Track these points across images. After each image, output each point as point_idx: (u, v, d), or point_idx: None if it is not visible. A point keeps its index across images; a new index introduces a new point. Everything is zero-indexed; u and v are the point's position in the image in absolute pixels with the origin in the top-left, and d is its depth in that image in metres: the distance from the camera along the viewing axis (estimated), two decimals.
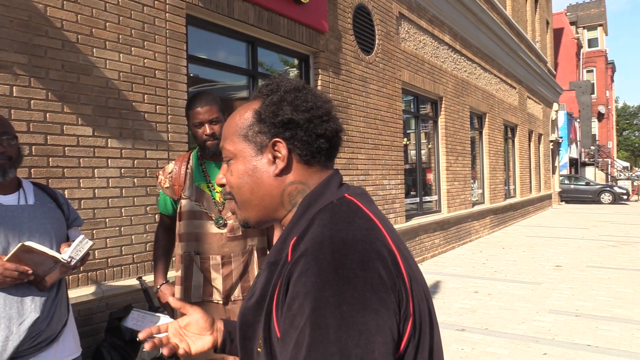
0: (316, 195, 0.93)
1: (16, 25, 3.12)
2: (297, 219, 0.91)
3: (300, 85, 0.98)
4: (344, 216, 0.85)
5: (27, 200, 1.96)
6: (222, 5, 4.65)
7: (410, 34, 8.49)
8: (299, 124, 0.92)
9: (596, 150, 33.12)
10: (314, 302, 0.73)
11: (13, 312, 1.79)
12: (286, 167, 0.94)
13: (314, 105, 0.95)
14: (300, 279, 0.76)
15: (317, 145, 0.94)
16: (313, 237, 0.81)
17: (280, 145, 0.93)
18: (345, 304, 0.72)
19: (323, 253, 0.77)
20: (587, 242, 10.39)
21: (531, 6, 18.41)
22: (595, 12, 42.02)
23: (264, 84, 1.00)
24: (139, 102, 3.84)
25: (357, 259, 0.76)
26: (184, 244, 2.32)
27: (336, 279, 0.74)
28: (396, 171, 7.79)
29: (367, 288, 0.74)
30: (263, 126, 0.94)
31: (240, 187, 0.97)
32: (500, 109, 13.40)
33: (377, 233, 0.83)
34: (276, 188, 0.95)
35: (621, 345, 4.29)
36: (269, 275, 0.89)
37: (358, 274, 0.75)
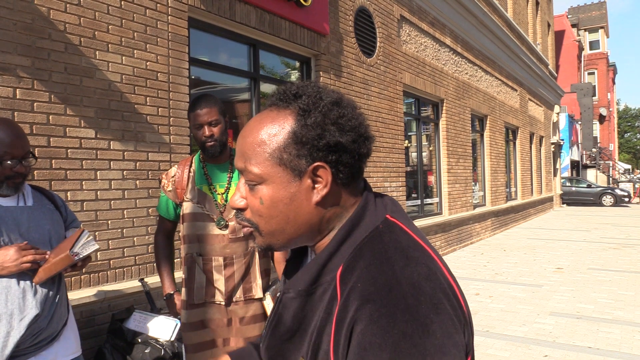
0: (358, 219, 0.84)
1: (19, 28, 3.14)
2: (337, 246, 0.82)
3: (339, 98, 0.86)
4: (398, 249, 0.78)
5: (25, 202, 2.00)
6: (224, 8, 4.68)
7: (412, 37, 8.51)
8: (345, 146, 0.81)
9: (597, 152, 33.10)
10: (394, 355, 0.67)
11: (14, 308, 1.82)
12: (328, 194, 0.83)
13: (358, 122, 0.84)
14: (371, 329, 0.70)
15: (359, 166, 0.85)
16: (374, 278, 0.74)
17: (323, 170, 0.81)
18: (429, 356, 0.68)
19: (393, 299, 0.71)
20: (589, 245, 10.39)
21: (532, 8, 18.43)
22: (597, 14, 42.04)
23: (292, 92, 0.85)
24: (141, 104, 3.86)
25: (429, 303, 0.71)
26: (187, 246, 2.34)
27: (413, 327, 0.69)
28: (397, 173, 7.80)
29: (444, 334, 0.70)
30: (303, 149, 0.81)
31: (274, 217, 0.84)
32: (501, 112, 13.41)
33: (436, 267, 0.78)
34: (316, 216, 0.84)
35: (622, 347, 4.30)
36: (302, 305, 0.83)
37: (433, 319, 0.70)
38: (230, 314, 2.30)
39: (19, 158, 1.89)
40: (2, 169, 1.87)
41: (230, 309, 2.30)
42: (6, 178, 1.88)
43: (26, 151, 1.93)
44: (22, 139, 1.92)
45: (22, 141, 1.91)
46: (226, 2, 4.70)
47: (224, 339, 2.29)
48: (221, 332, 2.30)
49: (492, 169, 12.53)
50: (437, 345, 0.68)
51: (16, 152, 1.88)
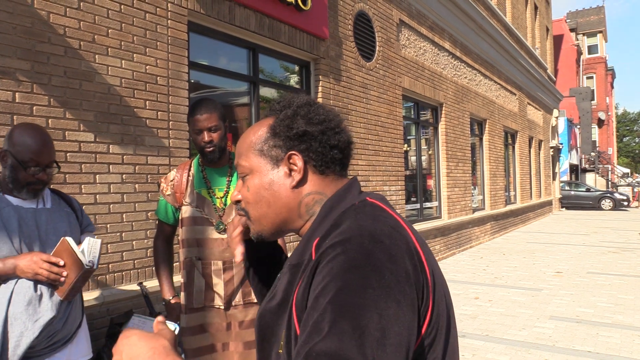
0: (338, 199, 0.95)
1: (19, 31, 3.15)
2: (319, 222, 0.93)
3: (311, 100, 1.01)
4: (368, 214, 0.87)
5: (44, 204, 2.04)
6: (224, 12, 4.68)
7: (411, 41, 8.53)
8: (313, 135, 0.95)
9: (596, 156, 33.13)
10: (340, 283, 0.74)
11: (30, 309, 1.85)
12: (302, 179, 0.96)
13: (326, 117, 0.98)
14: (327, 266, 0.77)
15: (331, 155, 0.97)
16: (340, 232, 0.82)
17: (295, 157, 0.95)
18: (370, 288, 0.73)
19: (352, 244, 0.78)
20: (588, 249, 10.39)
21: (531, 13, 18.48)
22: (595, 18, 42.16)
23: (276, 102, 1.03)
24: (141, 108, 3.86)
25: (386, 252, 0.77)
26: (186, 250, 2.34)
27: (364, 264, 0.75)
28: (397, 177, 7.80)
29: (393, 279, 0.75)
30: (278, 140, 0.97)
31: (258, 202, 0.98)
32: (500, 116, 13.43)
33: (402, 230, 0.85)
34: (293, 200, 0.97)
35: (622, 351, 4.29)
36: (291, 278, 0.90)
37: (386, 264, 0.76)
38: (229, 318, 2.29)
39: (43, 166, 1.92)
40: (25, 175, 1.90)
41: (230, 313, 2.29)
42: (27, 184, 1.92)
43: (51, 160, 1.97)
44: (48, 147, 1.95)
45: (48, 150, 1.95)
46: (226, 6, 4.70)
47: (224, 343, 2.29)
48: (220, 337, 2.29)
49: (491, 173, 12.53)
50: (382, 284, 0.74)
51: (41, 160, 1.91)
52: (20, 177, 1.90)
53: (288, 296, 0.89)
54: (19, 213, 1.91)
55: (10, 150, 1.89)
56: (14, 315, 1.83)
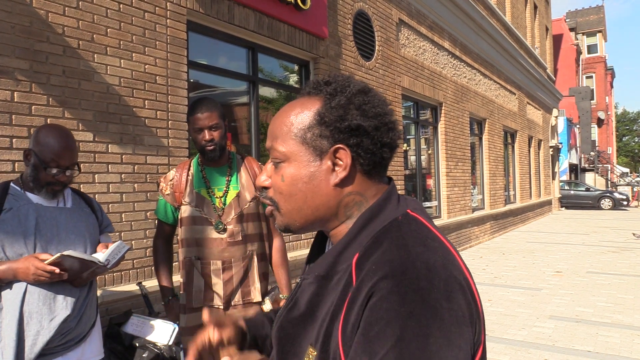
0: (377, 210, 0.86)
1: (18, 31, 3.14)
2: (355, 234, 0.84)
3: (366, 87, 0.90)
4: (417, 238, 0.79)
5: (65, 203, 2.07)
6: (223, 12, 4.68)
7: (410, 40, 8.52)
8: (366, 131, 0.85)
9: (596, 156, 33.14)
10: (399, 332, 0.68)
11: (45, 308, 1.87)
12: (347, 177, 0.86)
13: (382, 111, 0.88)
14: (381, 304, 0.71)
15: (381, 154, 0.87)
16: (391, 260, 0.75)
17: (343, 152, 0.85)
18: (433, 337, 0.68)
19: (407, 279, 0.71)
20: (587, 248, 10.39)
21: (530, 12, 18.48)
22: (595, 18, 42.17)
23: (324, 81, 0.91)
24: (140, 107, 3.85)
25: (442, 289, 0.72)
26: (185, 250, 2.33)
27: (423, 309, 0.69)
28: (396, 177, 7.79)
29: (453, 321, 0.70)
30: (326, 130, 0.85)
31: (293, 195, 0.88)
32: (500, 115, 13.43)
33: (453, 259, 0.78)
34: (333, 198, 0.87)
35: (622, 351, 4.29)
36: (318, 290, 0.84)
37: (444, 305, 0.70)
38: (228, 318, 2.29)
39: (63, 167, 1.95)
40: (45, 175, 1.93)
41: (229, 313, 2.29)
42: (47, 184, 1.95)
43: (72, 162, 2.00)
44: (71, 149, 1.98)
45: (70, 152, 1.98)
46: (225, 6, 4.70)
47: None
48: None
49: (490, 173, 12.53)
50: (444, 330, 0.69)
51: (62, 162, 1.95)
52: (40, 177, 1.94)
53: (314, 309, 0.83)
54: (38, 211, 1.94)
55: (34, 149, 1.94)
56: (30, 314, 1.85)
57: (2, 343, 1.81)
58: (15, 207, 1.91)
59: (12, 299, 1.85)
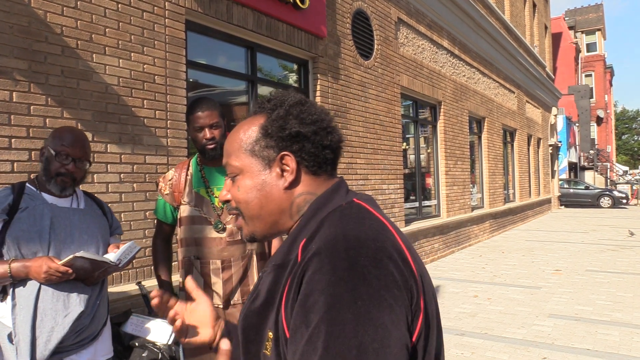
0: (325, 200, 0.94)
1: (16, 31, 3.14)
2: (305, 222, 0.92)
3: (302, 99, 0.99)
4: (353, 217, 0.86)
5: (79, 204, 2.13)
6: (221, 11, 4.67)
7: (409, 39, 8.52)
8: (306, 136, 0.94)
9: (595, 154, 33.16)
10: (330, 299, 0.74)
11: (59, 305, 1.90)
12: (295, 180, 0.95)
13: (319, 117, 0.97)
14: (314, 277, 0.77)
15: (324, 156, 0.96)
16: (325, 236, 0.82)
17: (288, 158, 0.94)
18: (360, 300, 0.73)
19: (336, 251, 0.78)
20: (587, 246, 10.40)
21: (529, 11, 18.48)
22: (594, 16, 42.16)
23: (266, 99, 1.01)
24: (139, 107, 3.85)
25: (371, 257, 0.77)
26: (184, 249, 2.33)
27: (351, 275, 0.75)
28: (395, 176, 7.80)
29: (381, 285, 0.75)
30: (270, 140, 0.95)
31: (249, 202, 0.97)
32: (499, 114, 13.43)
33: (388, 233, 0.84)
34: (286, 201, 0.96)
35: (621, 349, 4.29)
36: (276, 278, 0.90)
37: (371, 271, 0.75)
38: (228, 317, 2.29)
39: (74, 158, 2.01)
40: (56, 165, 1.99)
41: (228, 312, 2.29)
42: (57, 174, 2.00)
43: (83, 155, 2.06)
44: (82, 142, 2.06)
45: (81, 144, 2.05)
46: (223, 5, 4.69)
47: None
48: None
49: (490, 171, 12.54)
50: (372, 293, 0.74)
51: (72, 152, 2.01)
52: (51, 168, 1.99)
53: (273, 296, 0.88)
54: (53, 211, 1.97)
55: (49, 144, 2.02)
56: (44, 311, 1.87)
57: (16, 339, 1.84)
58: (31, 206, 1.95)
59: (27, 295, 1.87)
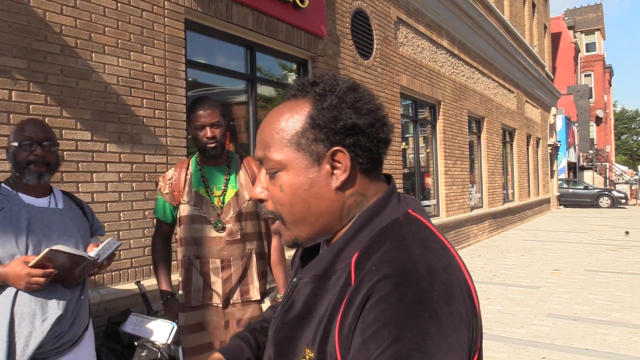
0: (378, 209, 0.84)
1: (15, 30, 3.13)
2: (354, 233, 0.82)
3: (355, 84, 0.88)
4: (418, 239, 0.77)
5: (57, 204, 2.05)
6: (221, 10, 4.67)
7: (409, 39, 8.52)
8: (362, 129, 0.82)
9: (594, 154, 33.18)
10: (397, 332, 0.66)
11: (37, 308, 1.84)
12: (348, 179, 0.83)
13: (374, 106, 0.85)
14: (379, 305, 0.69)
15: (378, 150, 0.85)
16: (392, 261, 0.73)
17: (341, 154, 0.82)
18: (430, 339, 0.66)
19: (407, 280, 0.70)
20: (586, 246, 10.40)
21: (529, 11, 18.48)
22: (593, 16, 42.17)
23: (308, 82, 0.88)
24: (138, 106, 3.85)
25: (443, 292, 0.70)
26: (184, 248, 2.33)
27: (422, 310, 0.67)
28: (394, 175, 7.79)
29: (451, 325, 0.68)
30: (320, 133, 0.82)
31: (294, 204, 0.84)
32: (498, 113, 13.43)
33: (454, 262, 0.77)
34: (336, 202, 0.84)
35: (620, 349, 4.30)
36: (315, 290, 0.82)
37: (443, 308, 0.69)
38: (227, 316, 2.29)
39: (36, 141, 1.93)
40: (23, 155, 1.92)
41: (228, 311, 2.29)
42: (27, 163, 1.92)
43: (46, 136, 1.97)
44: (43, 127, 1.99)
45: (43, 128, 1.98)
46: (223, 4, 4.69)
47: (222, 341, 2.28)
48: (219, 335, 2.29)
49: (489, 171, 12.54)
50: (442, 333, 0.67)
51: (35, 137, 1.94)
52: (20, 160, 1.92)
53: (311, 309, 0.81)
54: (30, 212, 1.91)
55: (11, 141, 1.96)
56: (21, 315, 1.80)
57: None
58: (7, 207, 1.88)
59: (3, 300, 1.81)
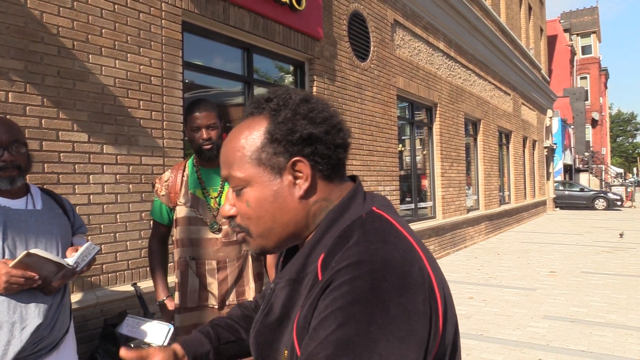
0: (342, 209, 0.86)
1: (12, 31, 3.13)
2: (320, 235, 0.85)
3: (307, 95, 0.90)
4: (378, 234, 0.79)
5: (34, 205, 1.97)
6: (218, 12, 4.68)
7: (405, 41, 8.54)
8: (318, 137, 0.85)
9: (590, 156, 33.29)
10: (343, 318, 0.69)
11: (16, 317, 1.78)
12: (310, 187, 0.86)
13: (328, 114, 0.88)
14: (332, 293, 0.72)
15: (337, 156, 0.88)
16: (349, 256, 0.75)
17: (301, 164, 0.85)
18: (374, 325, 0.68)
19: (360, 272, 0.72)
20: (582, 248, 10.43)
21: (525, 13, 18.55)
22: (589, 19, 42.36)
23: (264, 98, 0.91)
24: (135, 108, 3.85)
25: (396, 283, 0.71)
26: (180, 250, 2.33)
27: (369, 298, 0.69)
28: (391, 177, 7.81)
29: (400, 314, 0.69)
30: (278, 146, 0.85)
31: (261, 217, 0.87)
32: (494, 116, 13.47)
33: (415, 254, 0.78)
34: (301, 211, 0.87)
35: (615, 350, 4.31)
36: (291, 293, 0.84)
37: (393, 298, 0.70)
38: None
39: (3, 145, 1.83)
40: None
41: (224, 313, 2.29)
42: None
43: (13, 139, 1.86)
44: (6, 127, 1.86)
45: (6, 129, 1.85)
46: (220, 6, 4.70)
47: None
48: None
49: (485, 173, 12.57)
50: (388, 321, 0.69)
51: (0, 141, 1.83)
52: None
53: (288, 312, 0.84)
54: (5, 215, 1.83)
55: None
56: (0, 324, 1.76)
57: None
58: None
59: None
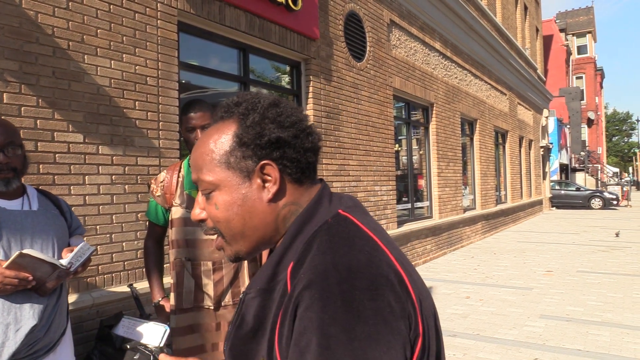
0: (309, 214, 0.87)
1: (7, 32, 3.12)
2: (289, 242, 0.85)
3: (276, 99, 0.91)
4: (343, 238, 0.80)
5: (30, 206, 1.95)
6: (214, 12, 4.67)
7: (401, 41, 8.55)
8: (286, 141, 0.86)
9: (586, 156, 33.40)
10: (323, 340, 0.68)
11: (11, 318, 1.77)
12: (279, 190, 0.87)
13: (297, 118, 0.89)
14: (306, 314, 0.71)
15: (306, 159, 0.88)
16: (315, 266, 0.75)
17: (270, 167, 0.85)
18: (357, 340, 0.68)
19: (328, 284, 0.72)
20: (578, 247, 10.46)
21: (521, 13, 18.59)
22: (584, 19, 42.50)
23: (232, 102, 0.92)
24: (130, 108, 3.84)
25: (365, 288, 0.72)
26: (176, 251, 2.33)
27: (345, 313, 0.69)
28: (388, 177, 7.81)
29: (378, 320, 0.70)
30: (247, 150, 0.86)
31: (230, 220, 0.88)
32: (490, 115, 13.50)
33: (381, 254, 0.78)
34: (270, 214, 0.87)
35: (611, 349, 4.32)
36: (262, 303, 0.84)
37: (367, 305, 0.70)
38: (219, 318, 2.29)
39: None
40: None
41: (219, 313, 2.29)
42: None
43: (8, 141, 1.84)
44: (1, 128, 1.84)
45: (1, 130, 1.83)
46: (216, 6, 4.69)
47: (213, 343, 2.28)
48: (210, 337, 2.29)
49: (482, 173, 12.59)
50: (368, 331, 0.69)
51: None
52: None
53: (262, 322, 0.83)
54: (1, 216, 1.82)
55: None
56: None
57: None
58: None
59: None
